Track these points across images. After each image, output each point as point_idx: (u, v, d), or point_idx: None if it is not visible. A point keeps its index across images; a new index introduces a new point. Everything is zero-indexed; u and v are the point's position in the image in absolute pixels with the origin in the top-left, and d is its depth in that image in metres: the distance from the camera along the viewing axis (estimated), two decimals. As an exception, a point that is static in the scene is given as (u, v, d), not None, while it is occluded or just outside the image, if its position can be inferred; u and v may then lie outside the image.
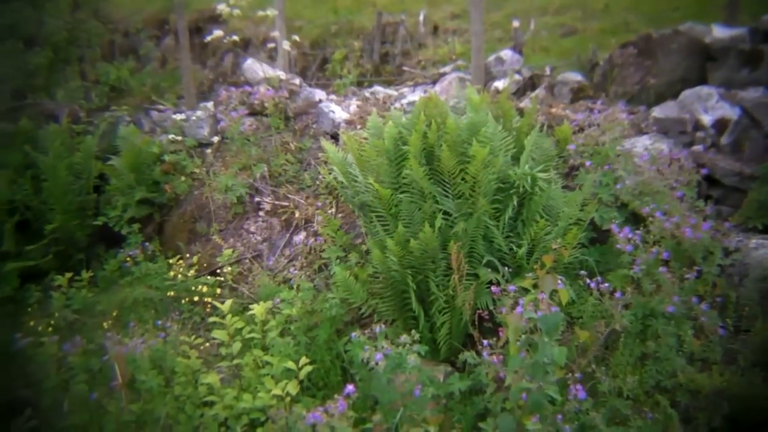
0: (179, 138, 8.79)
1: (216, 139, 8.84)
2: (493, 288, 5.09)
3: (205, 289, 7.00)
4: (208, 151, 8.85)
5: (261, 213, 8.00)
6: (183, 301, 7.11)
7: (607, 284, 5.02)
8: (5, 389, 6.02)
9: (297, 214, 7.67)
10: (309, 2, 13.47)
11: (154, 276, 7.64)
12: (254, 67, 9.40)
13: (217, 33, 8.97)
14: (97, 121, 9.53)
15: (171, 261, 7.48)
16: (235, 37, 9.50)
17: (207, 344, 6.14)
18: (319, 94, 8.98)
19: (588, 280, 5.10)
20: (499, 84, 8.10)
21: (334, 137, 8.08)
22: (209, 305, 6.81)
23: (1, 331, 7.36)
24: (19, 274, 8.41)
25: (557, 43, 10.12)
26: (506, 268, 5.33)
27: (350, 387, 4.57)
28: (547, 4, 11.56)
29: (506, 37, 10.32)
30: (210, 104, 9.28)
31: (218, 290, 7.14)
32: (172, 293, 7.12)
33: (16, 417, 5.44)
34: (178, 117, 9.02)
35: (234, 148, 8.48)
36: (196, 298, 7.02)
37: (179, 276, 7.20)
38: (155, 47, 13.87)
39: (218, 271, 7.53)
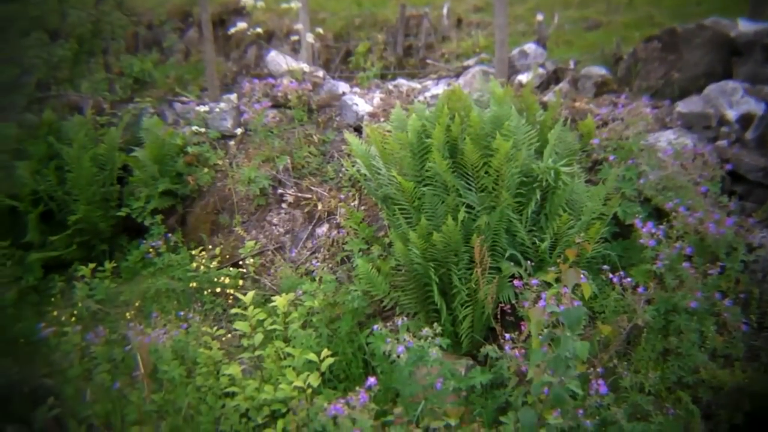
0: (202, 130, 8.83)
1: (239, 131, 8.86)
2: (516, 282, 5.11)
3: (227, 280, 7.04)
4: (232, 143, 8.88)
5: (284, 205, 8.02)
6: (205, 293, 7.15)
7: (629, 279, 5.02)
8: (29, 378, 6.07)
9: (320, 207, 7.69)
10: (332, -6, 13.48)
11: (176, 267, 7.68)
12: (278, 59, 9.41)
13: (241, 25, 8.98)
14: (121, 112, 9.60)
15: (193, 252, 7.52)
16: (259, 30, 9.50)
17: (229, 335, 6.18)
18: (343, 86, 8.98)
19: (611, 275, 5.10)
20: (523, 77, 8.07)
21: (358, 130, 8.09)
22: (231, 297, 6.84)
23: (25, 320, 7.43)
24: (43, 264, 8.50)
25: (581, 37, 10.08)
26: (529, 262, 5.31)
27: (372, 379, 4.58)
28: (570, -2, 11.54)
29: (530, 30, 10.27)
30: (233, 96, 9.30)
31: (240, 282, 7.17)
32: (194, 284, 7.16)
33: (40, 405, 5.49)
34: (202, 109, 9.05)
35: (257, 140, 8.50)
36: (218, 290, 7.06)
37: (202, 267, 7.24)
38: (179, 39, 13.89)
39: (240, 262, 7.56)
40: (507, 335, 4.83)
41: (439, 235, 5.40)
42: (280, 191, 8.11)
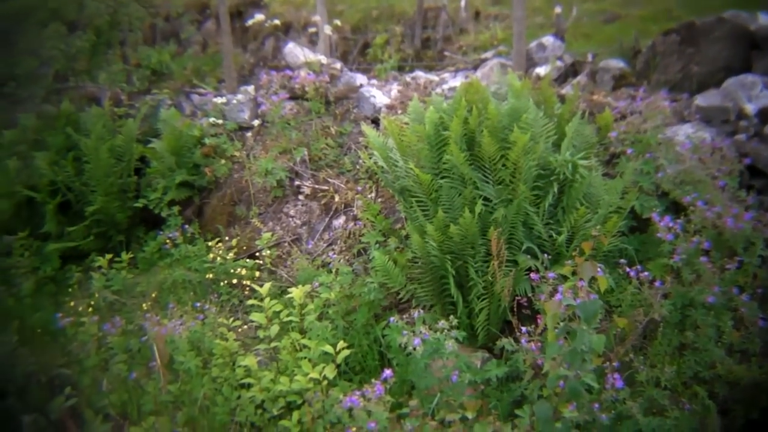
0: (220, 121, 8.83)
1: (256, 122, 8.86)
2: (532, 275, 5.09)
3: (243, 272, 7.05)
4: (249, 134, 8.88)
5: (300, 197, 8.02)
6: (222, 284, 7.16)
7: (646, 273, 5.00)
8: (46, 368, 6.12)
9: (337, 199, 7.68)
10: (350, -13, 13.47)
11: (193, 258, 7.69)
12: (295, 51, 9.40)
13: (259, 17, 9.00)
14: (139, 104, 9.61)
15: (210, 244, 7.53)
16: (277, 21, 9.52)
17: (245, 327, 6.20)
18: (360, 78, 8.96)
19: (627, 269, 5.08)
20: (541, 70, 8.05)
21: (375, 122, 8.09)
22: (248, 288, 6.85)
23: (43, 310, 7.48)
24: (61, 255, 8.54)
25: (599, 30, 10.04)
26: (545, 255, 5.30)
27: (387, 372, 4.57)
28: (589, -10, 11.48)
29: (548, 23, 10.24)
30: (251, 88, 9.29)
31: (257, 273, 7.18)
32: (211, 276, 7.17)
33: (57, 395, 5.53)
34: (219, 100, 9.05)
35: (274, 132, 8.50)
36: (234, 281, 7.07)
37: (218, 259, 7.25)
38: (196, 31, 13.92)
39: (257, 254, 7.57)
40: (523, 328, 4.83)
41: (456, 227, 5.40)
42: (297, 183, 8.11)
